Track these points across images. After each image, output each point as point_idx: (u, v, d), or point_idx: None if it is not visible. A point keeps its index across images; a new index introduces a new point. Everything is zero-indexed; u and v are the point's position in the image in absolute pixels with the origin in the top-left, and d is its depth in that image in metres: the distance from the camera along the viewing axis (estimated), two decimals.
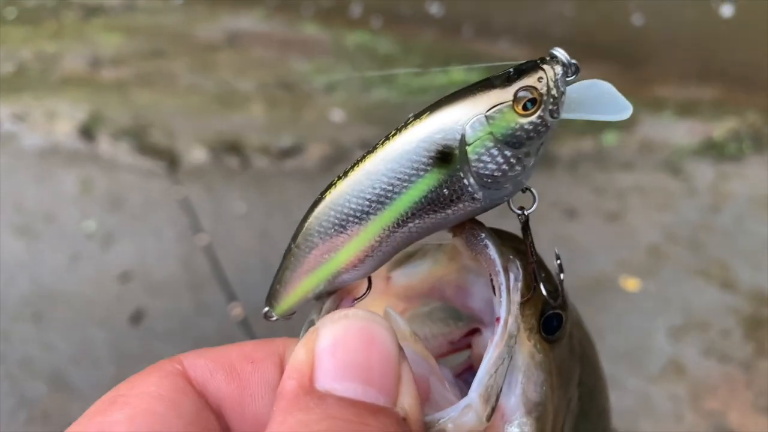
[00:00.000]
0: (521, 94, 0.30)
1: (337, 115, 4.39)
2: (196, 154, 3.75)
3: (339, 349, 0.27)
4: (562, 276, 0.36)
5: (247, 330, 2.46)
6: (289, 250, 0.32)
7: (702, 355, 2.60)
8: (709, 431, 2.32)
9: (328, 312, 0.32)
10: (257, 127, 4.13)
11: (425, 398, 0.33)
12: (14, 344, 2.46)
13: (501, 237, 0.35)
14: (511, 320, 0.32)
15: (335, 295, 0.33)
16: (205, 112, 4.31)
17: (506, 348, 0.32)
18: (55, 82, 4.73)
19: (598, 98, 0.32)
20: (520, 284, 0.34)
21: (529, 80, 0.30)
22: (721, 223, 3.33)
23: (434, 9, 5.87)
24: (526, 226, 0.34)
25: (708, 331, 2.71)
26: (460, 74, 4.93)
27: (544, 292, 0.34)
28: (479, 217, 0.33)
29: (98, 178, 3.55)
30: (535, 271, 0.34)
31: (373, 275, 0.34)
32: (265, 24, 5.86)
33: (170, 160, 3.68)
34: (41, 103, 4.35)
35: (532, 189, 0.33)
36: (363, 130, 4.16)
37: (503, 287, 0.32)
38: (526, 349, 0.34)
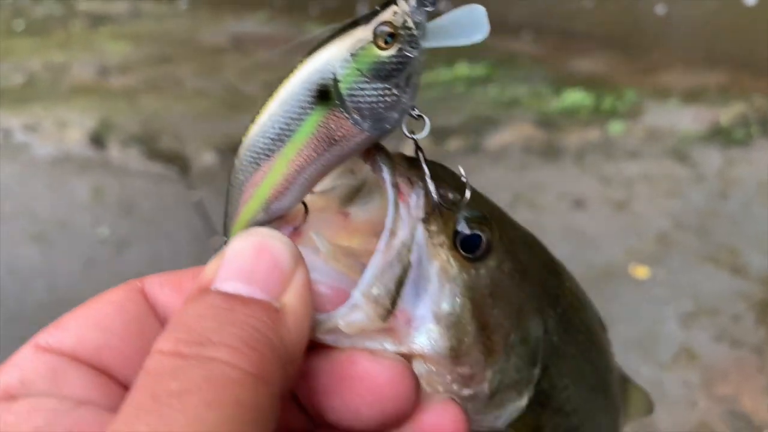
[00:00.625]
0: (380, 29, 0.32)
1: None
2: (206, 158, 3.78)
3: (235, 258, 0.32)
4: (468, 194, 0.38)
5: None
6: (227, 189, 0.37)
7: (713, 340, 2.60)
8: (723, 416, 2.32)
9: None
10: None
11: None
12: None
13: (410, 162, 0.38)
14: (403, 232, 0.35)
15: (274, 223, 0.36)
16: (213, 115, 4.35)
17: (397, 255, 0.35)
18: (64, 92, 4.78)
19: (467, 24, 0.34)
20: (422, 201, 0.36)
21: (385, 15, 0.33)
22: (729, 208, 3.32)
23: (442, 6, 5.87)
24: (417, 147, 0.36)
25: (719, 316, 2.70)
26: (463, 69, 4.94)
27: (435, 197, 0.36)
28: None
29: (110, 185, 3.60)
30: (428, 188, 0.36)
31: (327, 211, 0.38)
32: (268, 26, 5.89)
33: (181, 164, 3.73)
34: (51, 112, 4.40)
35: (423, 116, 0.35)
36: None
37: (390, 200, 0.36)
38: (438, 262, 0.36)
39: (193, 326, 0.29)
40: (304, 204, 0.36)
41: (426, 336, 0.36)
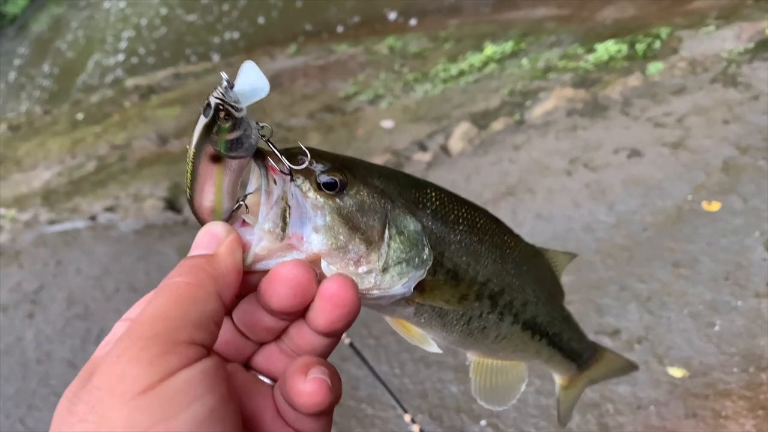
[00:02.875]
0: (216, 114, 0.52)
1: (388, 123, 4.50)
2: None
3: (196, 239, 0.55)
4: (309, 156, 0.58)
5: None
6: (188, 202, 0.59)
7: None
8: None
9: None
10: None
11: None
12: None
13: (285, 153, 0.58)
14: (278, 189, 0.57)
15: (232, 219, 0.57)
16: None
17: (275, 203, 0.56)
18: (132, 167, 5.11)
19: (256, 81, 0.53)
20: (285, 169, 0.57)
21: (212, 103, 0.52)
22: None
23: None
24: (268, 141, 0.56)
25: None
26: (492, 49, 4.94)
27: (288, 165, 0.56)
28: None
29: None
30: (282, 159, 0.57)
31: (257, 203, 0.58)
32: (299, 57, 6.06)
33: None
34: (126, 189, 4.72)
35: (265, 124, 0.55)
36: (413, 130, 4.26)
37: (262, 175, 0.57)
38: (309, 200, 0.57)
39: (171, 273, 0.52)
40: (246, 205, 0.57)
41: (314, 242, 0.57)
